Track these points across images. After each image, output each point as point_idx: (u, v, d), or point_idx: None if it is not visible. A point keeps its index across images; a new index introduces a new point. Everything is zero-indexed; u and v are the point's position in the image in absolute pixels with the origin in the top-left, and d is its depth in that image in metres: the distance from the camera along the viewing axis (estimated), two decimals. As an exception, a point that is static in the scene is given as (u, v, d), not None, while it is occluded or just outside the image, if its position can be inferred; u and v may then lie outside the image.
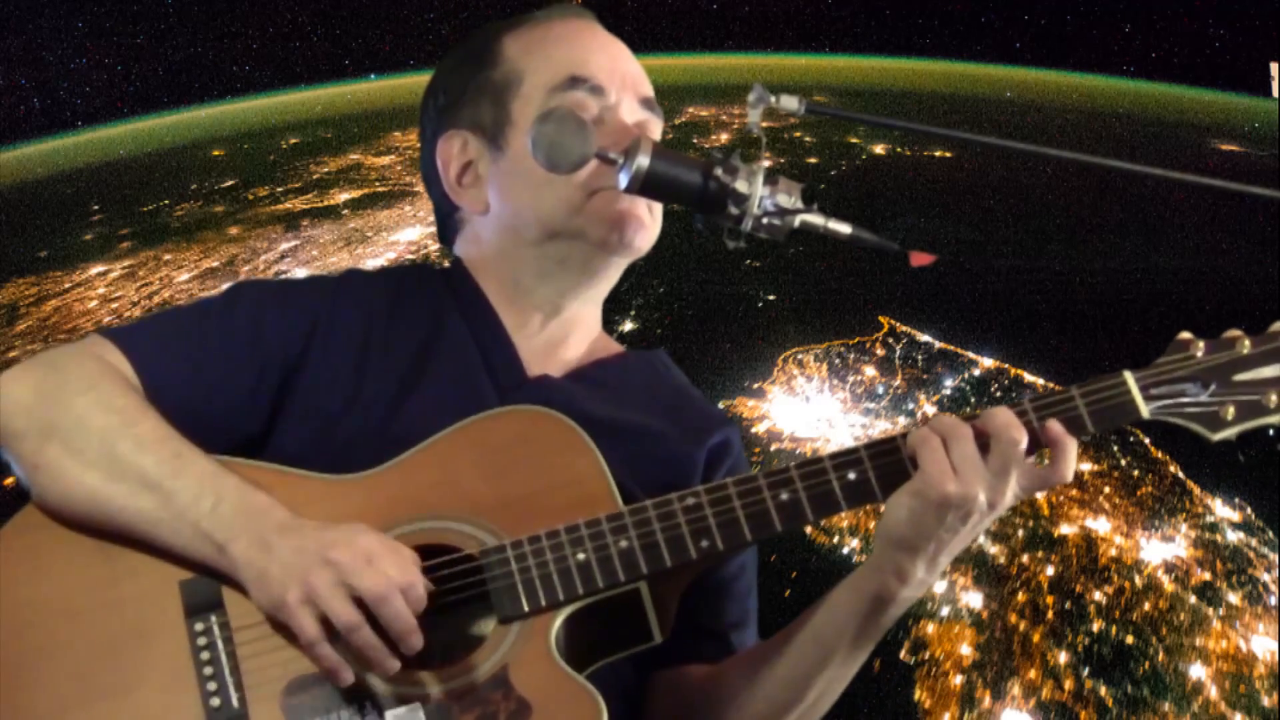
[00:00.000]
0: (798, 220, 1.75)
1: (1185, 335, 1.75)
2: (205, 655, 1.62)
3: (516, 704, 1.61)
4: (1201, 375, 1.72)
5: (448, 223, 2.07)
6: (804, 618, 1.81)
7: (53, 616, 1.64)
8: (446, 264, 2.10)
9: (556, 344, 2.00)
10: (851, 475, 1.71)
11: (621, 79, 1.97)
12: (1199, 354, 1.72)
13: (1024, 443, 1.65)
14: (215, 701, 1.60)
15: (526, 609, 1.66)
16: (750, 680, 1.84)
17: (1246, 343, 1.72)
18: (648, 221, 1.94)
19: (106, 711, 1.59)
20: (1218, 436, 1.72)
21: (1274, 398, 1.70)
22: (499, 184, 1.97)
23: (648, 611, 1.71)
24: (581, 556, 1.68)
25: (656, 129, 2.00)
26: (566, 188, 1.89)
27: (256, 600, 1.61)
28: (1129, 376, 1.72)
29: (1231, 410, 1.70)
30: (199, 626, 1.64)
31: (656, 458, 1.92)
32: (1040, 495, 1.79)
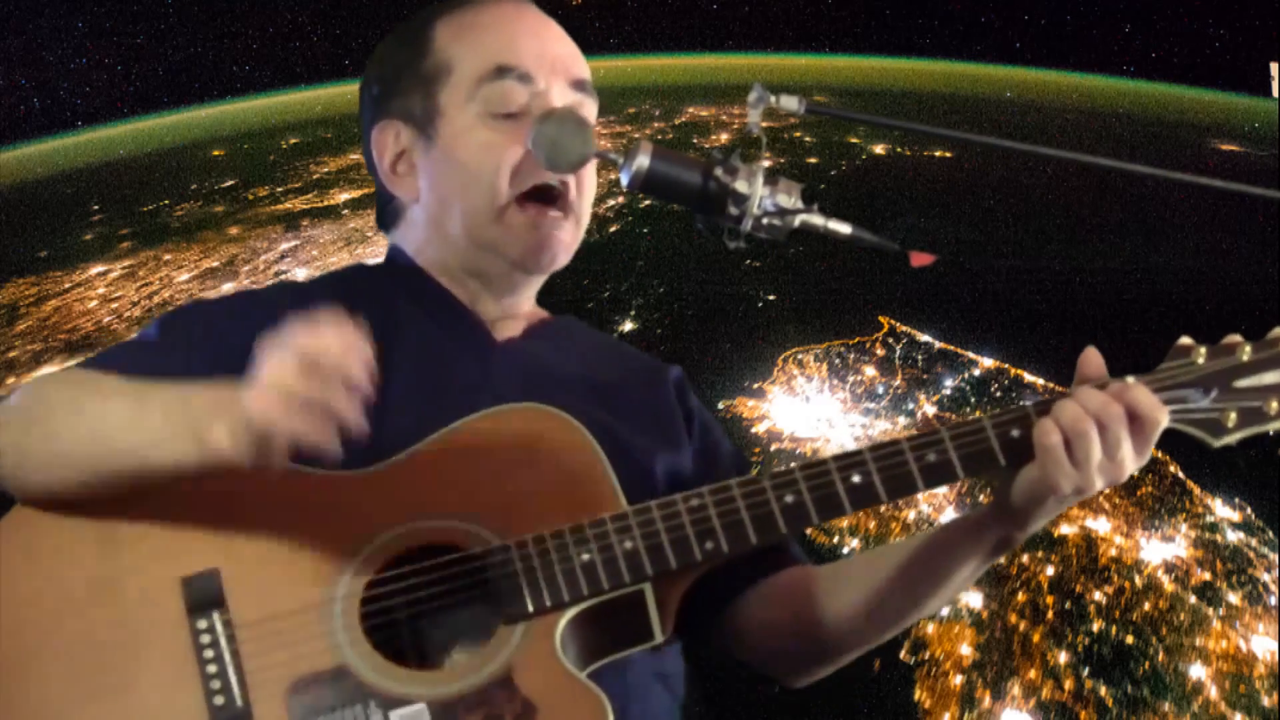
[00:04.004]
0: (798, 220, 1.76)
1: (1186, 341, 1.76)
2: (209, 654, 1.61)
3: (522, 706, 1.60)
4: (1203, 381, 1.72)
5: (387, 209, 2.10)
6: (918, 554, 1.84)
7: (51, 613, 1.63)
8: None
9: (507, 311, 2.04)
10: (856, 478, 1.71)
11: (551, 63, 1.97)
12: (1200, 360, 1.73)
13: (1123, 422, 1.67)
14: (219, 700, 1.59)
15: (531, 609, 1.65)
16: (863, 599, 1.89)
17: (1247, 349, 1.73)
18: (569, 242, 1.98)
19: (107, 710, 1.58)
20: (1219, 442, 1.72)
21: (1274, 404, 1.71)
22: (430, 175, 1.99)
23: (650, 612, 1.71)
24: (586, 557, 1.68)
25: (590, 111, 2.01)
26: (493, 182, 1.91)
27: (242, 457, 1.56)
28: (1133, 382, 1.72)
29: (1233, 416, 1.71)
30: (202, 624, 1.62)
31: (640, 403, 1.97)
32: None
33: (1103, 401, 1.66)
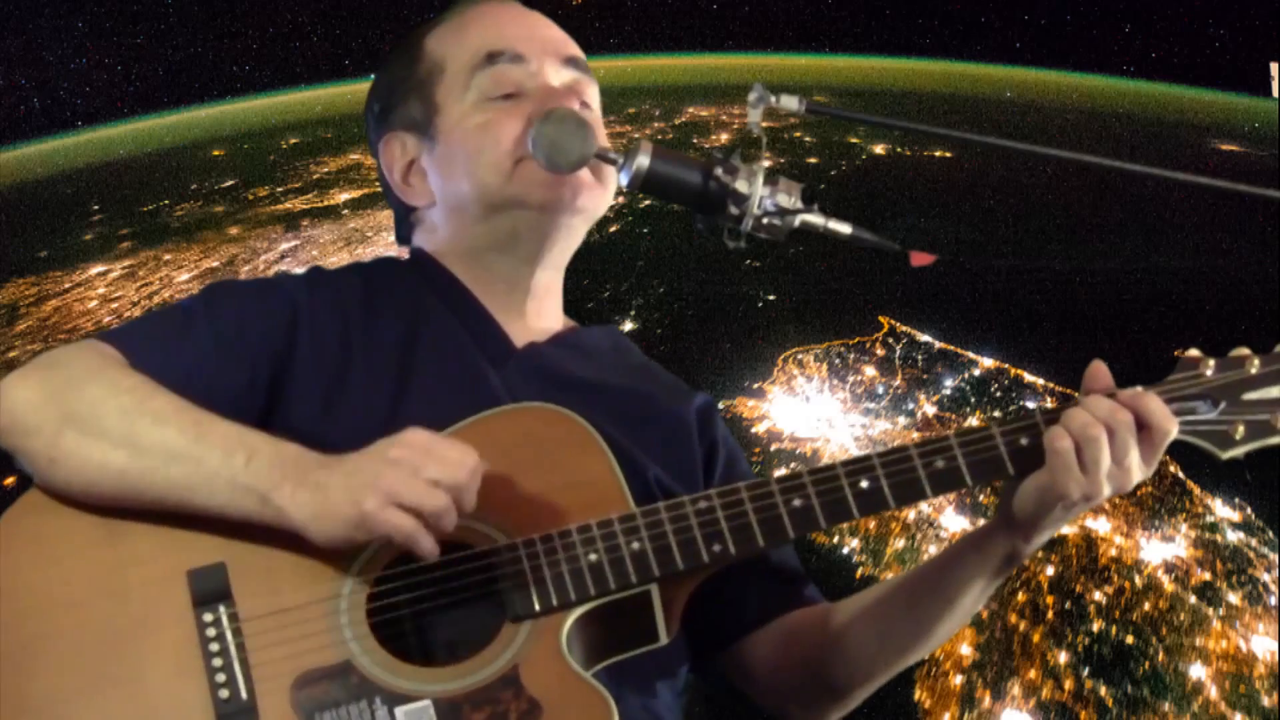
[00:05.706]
0: (798, 220, 1.76)
1: (1194, 353, 1.77)
2: (214, 647, 1.61)
3: (528, 704, 1.61)
4: (1212, 393, 1.74)
5: (404, 224, 2.11)
6: (924, 575, 1.85)
7: (56, 604, 1.62)
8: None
9: (531, 315, 2.03)
10: (864, 483, 1.72)
11: (541, 44, 1.99)
12: (1208, 372, 1.74)
13: (1131, 429, 1.68)
14: (224, 694, 1.59)
15: (538, 608, 1.66)
16: (871, 627, 1.89)
17: (1255, 362, 1.75)
18: (591, 182, 1.95)
19: (112, 701, 1.58)
20: (1227, 455, 1.74)
21: None
22: (438, 171, 2.00)
23: (656, 613, 1.71)
24: (593, 557, 1.68)
25: (589, 89, 2.01)
26: (495, 155, 1.92)
27: (320, 534, 1.59)
28: (1143, 391, 1.72)
29: (1241, 429, 1.73)
30: (208, 617, 1.62)
31: (653, 417, 1.97)
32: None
33: (1111, 408, 1.67)
